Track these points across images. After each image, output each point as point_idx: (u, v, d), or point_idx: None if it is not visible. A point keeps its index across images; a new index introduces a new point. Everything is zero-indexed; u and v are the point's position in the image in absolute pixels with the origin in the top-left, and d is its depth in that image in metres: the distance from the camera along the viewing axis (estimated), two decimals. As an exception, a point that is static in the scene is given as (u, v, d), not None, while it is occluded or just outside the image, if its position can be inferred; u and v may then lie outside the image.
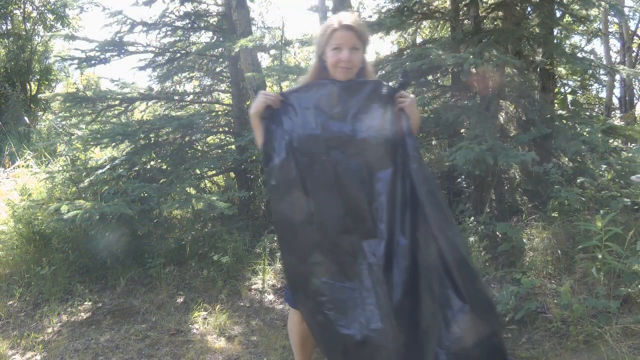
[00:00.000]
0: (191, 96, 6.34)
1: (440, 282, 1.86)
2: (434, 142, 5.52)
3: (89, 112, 5.30)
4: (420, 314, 1.89)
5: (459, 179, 4.98)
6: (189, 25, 5.84)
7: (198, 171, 5.06)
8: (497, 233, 3.99)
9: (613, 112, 8.54)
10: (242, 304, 3.78)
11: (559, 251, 3.56)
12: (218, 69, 6.33)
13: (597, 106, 8.88)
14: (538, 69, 5.17)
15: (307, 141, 1.99)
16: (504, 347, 1.93)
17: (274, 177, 2.01)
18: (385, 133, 1.99)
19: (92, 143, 4.89)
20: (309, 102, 2.02)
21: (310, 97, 2.03)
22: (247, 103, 5.69)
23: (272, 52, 6.03)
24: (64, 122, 6.44)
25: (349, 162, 1.98)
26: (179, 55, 5.85)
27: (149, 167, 4.89)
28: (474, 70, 4.40)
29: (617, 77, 8.16)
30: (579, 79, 6.55)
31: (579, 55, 5.43)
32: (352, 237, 1.96)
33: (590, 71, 4.80)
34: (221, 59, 6.03)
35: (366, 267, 1.94)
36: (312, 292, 2.01)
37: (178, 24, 5.77)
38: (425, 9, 5.17)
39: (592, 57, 6.18)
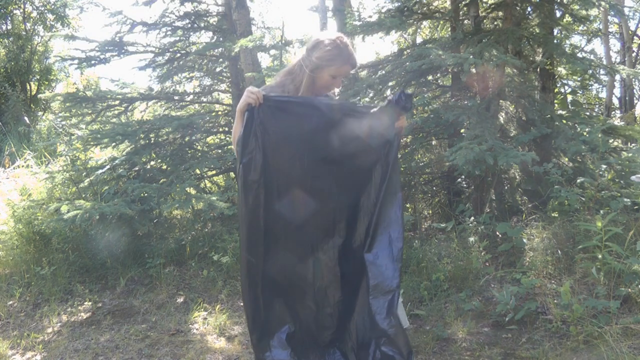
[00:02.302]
0: (191, 96, 6.34)
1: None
2: (434, 142, 5.52)
3: (89, 112, 5.30)
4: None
5: (459, 179, 4.98)
6: (189, 25, 5.85)
7: (198, 171, 5.06)
8: (497, 233, 3.99)
9: (613, 112, 8.55)
10: (242, 304, 3.78)
11: (559, 251, 3.56)
12: (218, 69, 6.33)
13: (597, 106, 8.89)
14: (538, 69, 5.18)
15: (289, 148, 2.08)
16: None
17: (240, 175, 2.08)
18: (366, 152, 2.13)
19: (92, 143, 4.89)
20: (300, 112, 2.09)
21: (301, 109, 2.10)
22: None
23: (272, 52, 6.02)
24: (64, 122, 6.45)
25: (327, 172, 2.11)
26: (179, 55, 5.85)
27: (149, 167, 4.90)
28: (474, 70, 4.40)
29: (617, 77, 8.17)
30: (579, 79, 6.56)
31: (579, 55, 5.43)
32: (312, 236, 2.13)
33: (590, 71, 4.81)
34: (221, 59, 6.03)
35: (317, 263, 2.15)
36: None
37: (178, 24, 5.77)
38: (425, 9, 5.17)
39: (592, 57, 6.18)
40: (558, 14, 5.10)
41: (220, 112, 6.15)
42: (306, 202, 2.10)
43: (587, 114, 6.82)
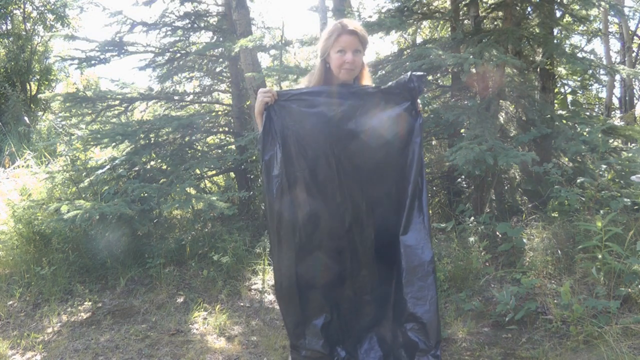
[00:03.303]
0: (191, 96, 6.34)
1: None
2: (434, 142, 5.52)
3: (89, 112, 5.31)
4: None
5: (459, 179, 4.98)
6: (189, 25, 5.85)
7: (198, 171, 5.06)
8: (497, 233, 3.99)
9: (613, 112, 8.54)
10: (242, 304, 3.78)
11: (559, 251, 3.56)
12: (218, 69, 6.34)
13: (597, 106, 8.88)
14: (538, 69, 5.17)
15: (311, 139, 2.08)
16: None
17: (264, 173, 2.11)
18: (390, 135, 2.12)
19: (92, 143, 4.89)
20: (315, 102, 2.10)
21: (316, 99, 2.11)
22: (247, 103, 5.69)
23: (272, 52, 6.03)
24: (64, 122, 6.45)
25: (351, 160, 2.10)
26: (179, 55, 5.85)
27: (149, 167, 4.89)
28: (474, 70, 4.40)
29: (617, 77, 8.17)
30: (579, 79, 6.55)
31: (579, 55, 5.43)
32: (344, 225, 2.13)
33: (590, 71, 4.80)
34: (221, 59, 6.03)
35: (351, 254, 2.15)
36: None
37: (178, 24, 5.77)
38: (425, 9, 5.17)
39: (592, 57, 6.16)
40: (558, 14, 5.10)
41: (220, 112, 6.15)
42: (335, 192, 2.09)
43: (587, 114, 6.82)
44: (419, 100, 2.15)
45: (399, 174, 2.15)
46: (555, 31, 5.47)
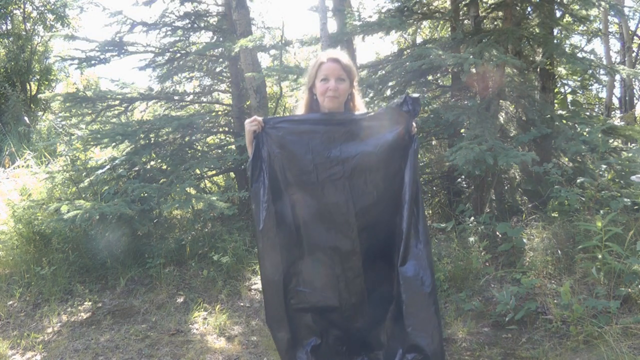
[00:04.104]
0: (191, 96, 6.34)
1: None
2: (434, 142, 5.52)
3: (89, 112, 5.31)
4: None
5: (459, 179, 4.98)
6: (189, 25, 5.85)
7: (198, 171, 5.06)
8: (497, 233, 3.99)
9: (613, 112, 8.54)
10: (242, 304, 3.78)
11: (559, 251, 3.56)
12: (218, 69, 6.34)
13: (597, 106, 8.88)
14: (538, 69, 5.17)
15: (296, 166, 2.08)
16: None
17: (253, 198, 2.12)
18: (377, 161, 2.08)
19: (92, 143, 4.89)
20: (300, 129, 2.11)
21: (300, 126, 2.13)
22: (247, 103, 5.69)
23: (272, 52, 6.03)
24: (64, 122, 6.45)
25: (336, 187, 2.07)
26: (179, 55, 5.85)
27: (149, 167, 4.89)
28: (474, 70, 4.40)
29: (617, 77, 8.16)
30: (579, 79, 6.55)
31: (579, 55, 5.43)
32: (333, 251, 2.10)
33: (590, 71, 4.80)
34: (221, 59, 6.03)
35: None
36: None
37: (178, 24, 5.77)
38: (425, 9, 5.17)
39: (592, 57, 6.16)
40: (558, 14, 5.10)
41: (220, 112, 6.15)
42: (322, 217, 2.08)
43: (587, 114, 6.81)
44: (414, 123, 2.10)
45: (391, 200, 2.09)
46: (555, 31, 5.47)
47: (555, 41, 4.86)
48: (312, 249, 2.10)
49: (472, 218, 4.06)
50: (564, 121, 4.45)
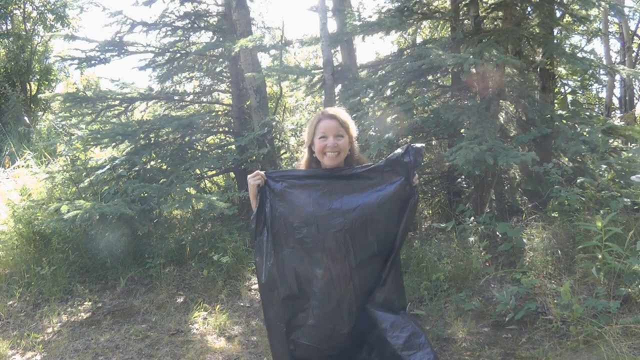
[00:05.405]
0: (191, 96, 6.34)
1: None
2: (434, 142, 5.52)
3: (89, 112, 5.31)
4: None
5: (459, 179, 4.98)
6: (189, 25, 5.85)
7: (198, 171, 5.06)
8: (497, 233, 3.99)
9: (613, 112, 8.54)
10: (242, 304, 3.78)
11: (559, 251, 3.56)
12: (218, 69, 6.34)
13: (597, 106, 8.88)
14: (538, 69, 5.17)
15: (297, 220, 2.10)
16: None
17: (256, 249, 2.17)
18: (378, 213, 2.09)
19: (92, 143, 4.90)
20: (301, 183, 2.15)
21: (301, 180, 2.16)
22: (247, 103, 5.69)
23: (272, 52, 6.03)
24: (64, 122, 6.45)
25: (337, 240, 2.07)
26: (179, 55, 5.85)
27: (149, 167, 4.89)
28: (474, 70, 4.40)
29: (617, 77, 8.17)
30: (579, 79, 6.56)
31: (579, 55, 5.43)
32: (332, 304, 2.11)
33: (590, 71, 4.80)
34: (221, 59, 6.03)
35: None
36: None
37: (178, 24, 5.77)
38: (425, 9, 5.17)
39: (592, 57, 6.16)
40: (558, 14, 5.10)
41: (220, 112, 6.15)
42: (322, 272, 2.08)
43: (587, 114, 6.81)
44: (416, 174, 2.10)
45: (386, 248, 2.13)
46: (555, 31, 5.47)
47: (555, 41, 4.86)
48: (314, 301, 2.10)
49: (472, 218, 4.06)
50: (564, 121, 4.45)
